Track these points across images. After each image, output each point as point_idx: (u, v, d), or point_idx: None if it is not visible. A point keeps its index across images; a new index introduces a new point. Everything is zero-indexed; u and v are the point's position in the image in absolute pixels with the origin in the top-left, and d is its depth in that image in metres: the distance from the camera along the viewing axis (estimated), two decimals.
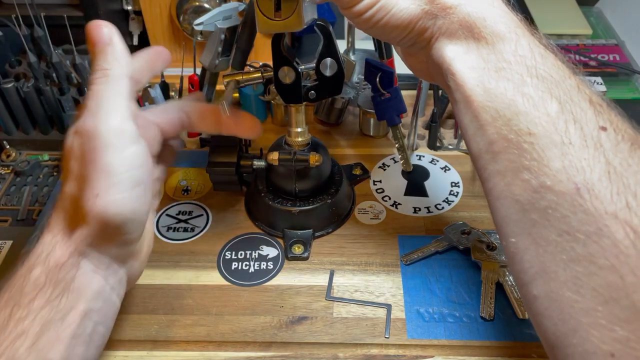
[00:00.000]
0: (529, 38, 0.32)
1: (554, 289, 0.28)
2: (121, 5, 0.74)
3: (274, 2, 0.37)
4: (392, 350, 0.43)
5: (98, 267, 0.34)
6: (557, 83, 0.30)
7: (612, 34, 0.82)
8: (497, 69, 0.31)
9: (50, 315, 0.31)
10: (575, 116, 0.28)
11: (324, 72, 0.44)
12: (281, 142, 0.50)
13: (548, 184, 0.28)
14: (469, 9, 0.33)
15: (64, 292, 0.32)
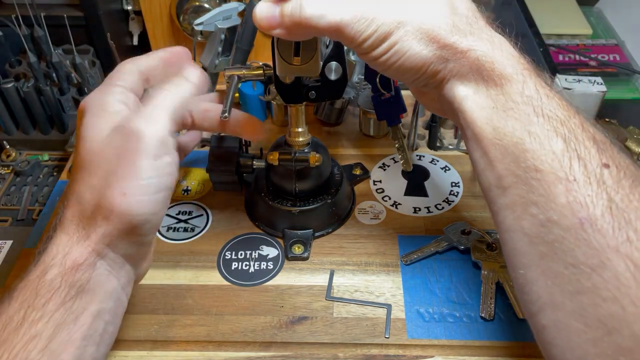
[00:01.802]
0: (535, 80, 0.34)
1: (562, 319, 0.29)
2: (121, 5, 0.74)
3: (293, 48, 0.39)
4: (392, 350, 0.43)
5: (113, 268, 0.35)
6: (562, 122, 0.31)
7: (612, 34, 0.81)
8: (505, 108, 0.33)
9: (63, 317, 0.32)
10: (580, 154, 0.30)
11: (329, 76, 0.43)
12: (281, 142, 0.50)
13: (554, 218, 0.29)
14: (478, 53, 0.34)
15: (78, 294, 0.33)
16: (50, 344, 0.31)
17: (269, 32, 0.35)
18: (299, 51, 0.39)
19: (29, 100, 0.61)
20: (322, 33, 0.35)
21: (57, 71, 0.61)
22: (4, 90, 0.60)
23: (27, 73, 0.64)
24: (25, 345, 0.30)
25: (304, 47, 0.39)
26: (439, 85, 0.37)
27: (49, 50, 0.61)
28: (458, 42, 0.34)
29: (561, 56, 0.78)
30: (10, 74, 0.64)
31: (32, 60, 0.59)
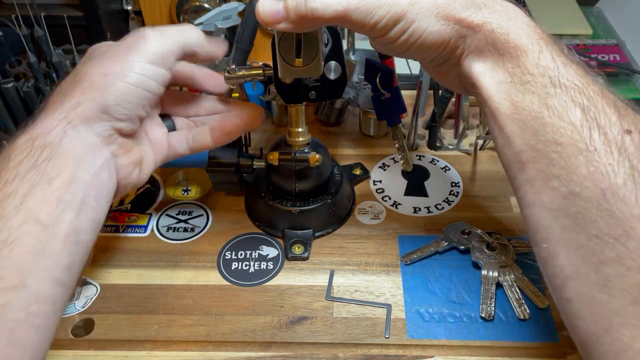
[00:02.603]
0: (552, 48, 0.33)
1: (586, 291, 0.29)
2: (121, 5, 0.74)
3: (294, 49, 0.39)
4: (392, 350, 0.43)
5: (84, 140, 0.36)
6: (580, 90, 0.31)
7: (612, 34, 0.81)
8: (522, 82, 0.33)
9: (37, 178, 0.33)
10: (599, 122, 0.30)
11: (328, 75, 0.44)
12: (281, 142, 0.50)
13: (576, 190, 0.29)
14: (493, 26, 0.34)
15: (50, 158, 0.33)
16: (25, 201, 0.32)
17: (273, 27, 0.34)
18: (300, 52, 0.39)
19: (29, 100, 0.61)
20: (330, 22, 0.34)
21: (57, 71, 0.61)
22: (4, 90, 0.60)
23: (27, 73, 0.64)
24: (1, 201, 0.31)
25: (305, 48, 0.39)
26: (457, 62, 0.36)
27: (49, 50, 0.61)
28: (472, 15, 0.34)
29: None
30: (10, 74, 0.63)
31: (32, 60, 0.59)
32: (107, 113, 0.36)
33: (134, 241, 0.52)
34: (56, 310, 0.33)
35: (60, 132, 0.35)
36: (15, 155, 0.33)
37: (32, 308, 0.31)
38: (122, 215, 0.55)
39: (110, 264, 0.50)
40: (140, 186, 0.41)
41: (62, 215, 0.33)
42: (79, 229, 0.34)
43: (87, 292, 0.48)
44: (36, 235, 0.32)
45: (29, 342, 0.31)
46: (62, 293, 0.33)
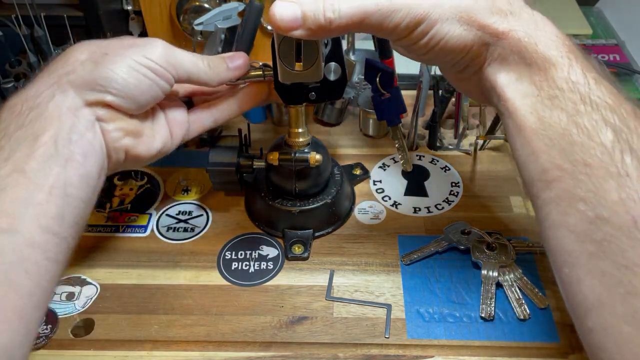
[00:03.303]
0: (582, 63, 0.32)
1: (611, 322, 0.28)
2: (121, 5, 0.73)
3: (294, 54, 0.39)
4: (392, 350, 0.43)
5: (70, 103, 0.36)
6: (612, 109, 0.30)
7: (612, 34, 0.81)
8: (550, 96, 0.31)
9: (24, 136, 0.34)
10: (632, 145, 0.28)
11: (328, 76, 0.43)
12: (281, 142, 0.50)
13: (605, 216, 0.28)
14: (520, 34, 0.33)
15: (37, 118, 0.35)
16: (12, 155, 0.33)
17: (286, 33, 0.34)
18: (301, 57, 0.39)
19: None
20: (349, 30, 0.34)
21: None
22: (4, 90, 0.60)
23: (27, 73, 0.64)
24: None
25: (305, 52, 0.39)
26: (479, 69, 0.35)
27: (49, 50, 0.61)
28: (498, 22, 0.33)
29: None
30: (10, 74, 0.63)
31: (32, 60, 0.59)
32: (100, 84, 0.37)
33: (134, 241, 0.52)
34: (48, 259, 0.33)
35: (49, 95, 0.36)
36: (6, 117, 0.35)
37: (23, 252, 0.32)
38: (122, 215, 0.55)
39: (110, 264, 0.50)
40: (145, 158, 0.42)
41: (48, 168, 0.34)
42: (67, 182, 0.35)
43: (87, 292, 0.48)
44: (24, 186, 0.33)
45: (21, 286, 0.31)
46: (53, 243, 0.34)
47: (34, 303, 0.32)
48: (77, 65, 0.37)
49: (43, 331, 0.44)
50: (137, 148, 0.41)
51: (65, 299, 0.47)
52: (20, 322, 0.31)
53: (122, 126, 0.39)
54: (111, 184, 0.58)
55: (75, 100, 0.36)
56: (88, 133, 0.37)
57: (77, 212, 0.36)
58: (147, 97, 0.39)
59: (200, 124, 0.47)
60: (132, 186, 0.58)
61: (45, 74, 0.37)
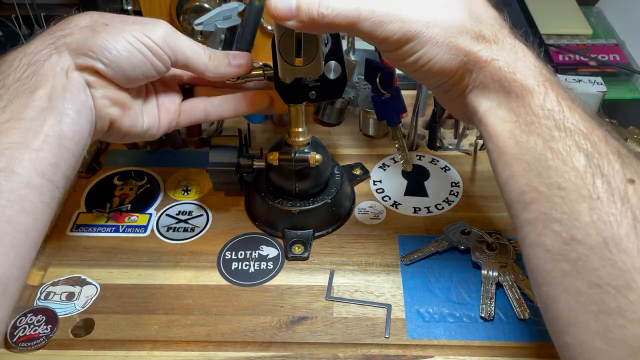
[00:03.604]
0: (557, 91, 0.33)
1: (585, 338, 0.29)
2: (121, 5, 0.74)
3: (294, 49, 0.39)
4: (392, 350, 0.43)
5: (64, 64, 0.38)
6: (585, 136, 0.31)
7: (612, 34, 0.82)
8: (527, 122, 0.33)
9: (21, 88, 0.36)
10: (602, 170, 0.30)
11: (328, 75, 0.43)
12: (281, 142, 0.50)
13: (578, 237, 0.29)
14: (501, 64, 0.34)
15: (34, 74, 0.36)
16: (10, 105, 0.35)
17: (281, 22, 0.35)
18: (301, 52, 0.39)
19: None
20: (340, 30, 0.35)
21: None
22: None
23: None
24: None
25: (306, 47, 0.39)
26: (462, 93, 0.37)
27: None
28: (482, 51, 0.34)
29: (561, 56, 0.78)
30: None
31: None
32: (93, 51, 0.38)
33: (134, 241, 0.52)
34: (44, 202, 0.35)
35: (46, 54, 0.37)
36: (5, 69, 0.37)
37: (21, 192, 0.33)
38: (122, 215, 0.55)
39: (110, 264, 0.50)
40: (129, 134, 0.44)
41: (43, 118, 0.35)
42: (61, 134, 0.36)
43: (87, 292, 0.48)
44: (21, 132, 0.34)
45: (19, 223, 0.33)
46: (49, 188, 0.35)
47: (29, 241, 0.34)
48: (75, 30, 0.39)
49: (43, 331, 0.44)
50: (122, 120, 0.42)
51: (65, 299, 0.47)
52: (16, 257, 0.33)
53: (109, 95, 0.40)
54: (111, 184, 0.58)
55: (68, 62, 0.38)
56: (80, 93, 0.38)
57: (70, 164, 0.37)
58: (137, 72, 0.40)
59: (190, 115, 0.47)
60: (132, 186, 0.58)
61: (45, 34, 0.39)
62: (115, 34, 0.39)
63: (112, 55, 0.38)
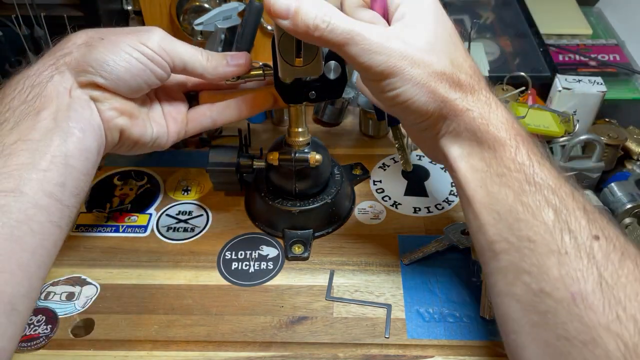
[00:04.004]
0: (528, 145, 0.35)
1: None
2: (121, 5, 0.73)
3: (294, 49, 0.39)
4: (392, 350, 0.43)
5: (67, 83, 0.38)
6: (554, 191, 0.32)
7: (612, 34, 0.81)
8: (498, 174, 0.34)
9: (27, 110, 0.36)
10: (570, 226, 0.31)
11: (328, 75, 0.43)
12: (281, 142, 0.50)
13: (547, 290, 0.30)
14: (475, 114, 0.35)
15: (38, 96, 0.37)
16: (17, 126, 0.36)
17: (274, 19, 0.35)
18: (300, 52, 0.39)
19: None
20: (328, 45, 0.35)
21: None
22: None
23: None
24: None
25: (305, 47, 0.39)
26: (436, 135, 0.37)
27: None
28: (458, 100, 0.35)
29: (561, 56, 0.78)
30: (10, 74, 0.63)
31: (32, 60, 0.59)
32: (92, 67, 0.39)
33: (134, 241, 0.52)
34: (52, 222, 0.35)
35: (48, 75, 0.38)
36: (9, 92, 0.37)
37: (29, 212, 0.34)
38: (122, 215, 0.55)
39: (110, 264, 0.50)
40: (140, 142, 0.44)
41: (49, 139, 0.36)
42: (67, 153, 0.37)
43: (87, 292, 0.48)
44: (28, 153, 0.35)
45: (26, 242, 0.34)
46: (57, 208, 0.36)
47: (37, 261, 0.34)
48: (73, 48, 0.39)
49: (43, 331, 0.44)
50: (131, 129, 0.42)
51: (65, 299, 0.47)
52: (24, 276, 0.33)
53: (116, 106, 0.41)
54: (111, 184, 0.59)
55: (70, 81, 0.39)
56: (85, 111, 0.39)
57: (78, 184, 0.38)
58: (139, 81, 0.41)
59: (198, 123, 0.47)
60: (132, 186, 0.58)
61: (46, 55, 0.40)
62: (111, 46, 0.39)
63: (110, 68, 0.39)
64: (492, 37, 0.79)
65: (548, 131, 0.60)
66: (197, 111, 0.47)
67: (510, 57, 0.75)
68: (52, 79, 0.38)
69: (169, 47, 0.41)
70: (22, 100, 0.37)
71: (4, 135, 0.35)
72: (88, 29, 0.41)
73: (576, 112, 0.61)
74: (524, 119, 0.59)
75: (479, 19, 0.82)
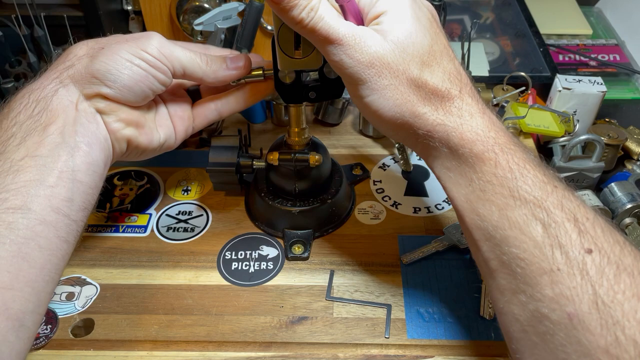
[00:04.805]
0: (508, 155, 0.33)
1: None
2: (121, 5, 0.74)
3: (293, 41, 0.39)
4: (392, 350, 0.43)
5: (72, 97, 0.38)
6: (540, 203, 0.31)
7: (612, 34, 0.82)
8: (481, 189, 0.33)
9: (33, 125, 0.37)
10: (560, 240, 0.30)
11: (328, 75, 0.43)
12: (281, 142, 0.50)
13: (544, 312, 0.29)
14: (448, 128, 0.34)
15: (44, 110, 0.37)
16: (24, 142, 0.36)
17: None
18: (300, 44, 0.39)
19: None
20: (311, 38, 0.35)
21: None
22: (4, 90, 0.60)
23: (27, 73, 0.64)
24: (4, 142, 0.36)
25: (304, 39, 0.39)
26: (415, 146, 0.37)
27: (49, 50, 0.61)
28: (429, 114, 0.34)
29: (561, 56, 0.78)
30: (10, 74, 0.63)
31: (32, 60, 0.59)
32: (96, 77, 0.39)
33: (134, 241, 0.52)
34: (59, 237, 0.35)
35: (52, 89, 0.38)
36: (15, 107, 0.37)
37: (36, 229, 0.34)
38: (122, 215, 0.55)
39: (110, 264, 0.50)
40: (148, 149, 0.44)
41: (57, 154, 0.36)
42: (75, 168, 0.37)
43: (87, 292, 0.48)
44: (35, 168, 0.35)
45: (34, 259, 0.34)
46: (65, 223, 0.36)
47: (45, 276, 0.34)
48: (75, 60, 0.39)
49: (43, 331, 0.44)
50: (138, 138, 0.42)
51: (65, 299, 0.47)
52: (32, 292, 0.33)
53: (123, 117, 0.41)
54: (111, 184, 0.58)
55: (75, 94, 0.39)
56: (91, 125, 0.39)
57: (85, 198, 0.38)
58: (142, 87, 0.41)
59: (204, 117, 0.48)
60: (132, 186, 0.58)
61: (49, 69, 0.40)
62: (112, 55, 0.39)
63: (113, 77, 0.39)
64: (492, 37, 0.79)
65: (548, 131, 0.60)
66: (202, 105, 0.48)
67: (510, 57, 0.75)
68: (57, 93, 0.38)
69: (168, 52, 0.41)
70: (28, 114, 0.37)
71: (12, 151, 0.35)
72: (88, 40, 0.41)
73: (576, 112, 0.61)
74: (524, 119, 0.59)
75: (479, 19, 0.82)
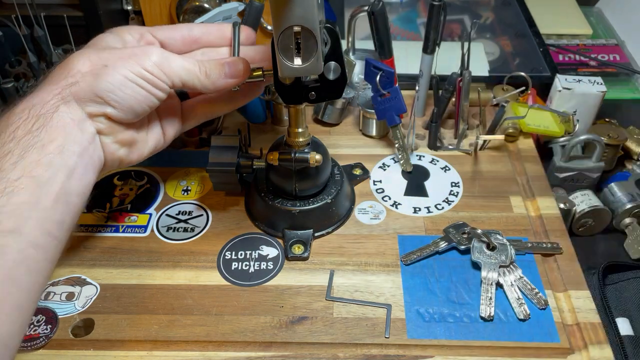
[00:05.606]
0: None
1: None
2: (121, 5, 0.74)
3: (294, 47, 0.39)
4: (392, 350, 0.43)
5: (74, 115, 0.38)
6: None
7: (612, 34, 0.82)
8: None
9: (32, 142, 0.36)
10: None
11: (327, 76, 0.43)
12: (281, 142, 0.50)
13: None
14: None
15: (44, 126, 0.36)
16: (21, 160, 0.35)
17: None
18: (300, 51, 0.39)
19: None
20: None
21: None
22: (4, 90, 0.60)
23: (27, 73, 0.64)
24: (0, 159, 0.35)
25: (305, 46, 0.39)
26: None
27: (49, 50, 0.61)
28: None
29: (561, 56, 0.78)
30: (10, 74, 0.64)
31: (32, 60, 0.59)
32: (99, 97, 0.38)
33: (134, 241, 0.52)
34: (47, 259, 0.36)
35: (54, 105, 0.37)
36: (14, 120, 0.36)
37: (26, 252, 0.34)
38: (122, 215, 0.55)
39: (110, 264, 0.50)
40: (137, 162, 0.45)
41: (55, 176, 0.36)
42: (70, 191, 0.37)
43: (87, 292, 0.48)
44: (31, 190, 0.34)
45: (23, 283, 0.34)
46: (53, 245, 0.36)
47: (31, 298, 0.35)
48: (79, 77, 0.38)
49: (43, 331, 0.44)
50: (129, 156, 0.43)
51: (65, 299, 0.47)
52: (18, 315, 0.33)
53: (119, 139, 0.41)
54: (111, 184, 0.59)
55: (78, 112, 0.38)
56: (90, 146, 0.39)
57: (74, 218, 0.38)
58: (143, 106, 0.41)
59: (194, 119, 0.48)
60: (132, 186, 0.58)
61: (49, 82, 0.39)
62: (115, 74, 0.39)
63: (118, 97, 0.39)
64: (492, 37, 0.79)
65: (548, 131, 0.60)
66: (192, 106, 0.48)
67: (510, 57, 0.75)
68: (57, 109, 0.37)
69: (167, 68, 0.41)
70: (27, 130, 0.36)
71: (8, 170, 0.34)
72: (89, 51, 0.40)
73: (576, 112, 0.61)
74: (524, 119, 0.60)
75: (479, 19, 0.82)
